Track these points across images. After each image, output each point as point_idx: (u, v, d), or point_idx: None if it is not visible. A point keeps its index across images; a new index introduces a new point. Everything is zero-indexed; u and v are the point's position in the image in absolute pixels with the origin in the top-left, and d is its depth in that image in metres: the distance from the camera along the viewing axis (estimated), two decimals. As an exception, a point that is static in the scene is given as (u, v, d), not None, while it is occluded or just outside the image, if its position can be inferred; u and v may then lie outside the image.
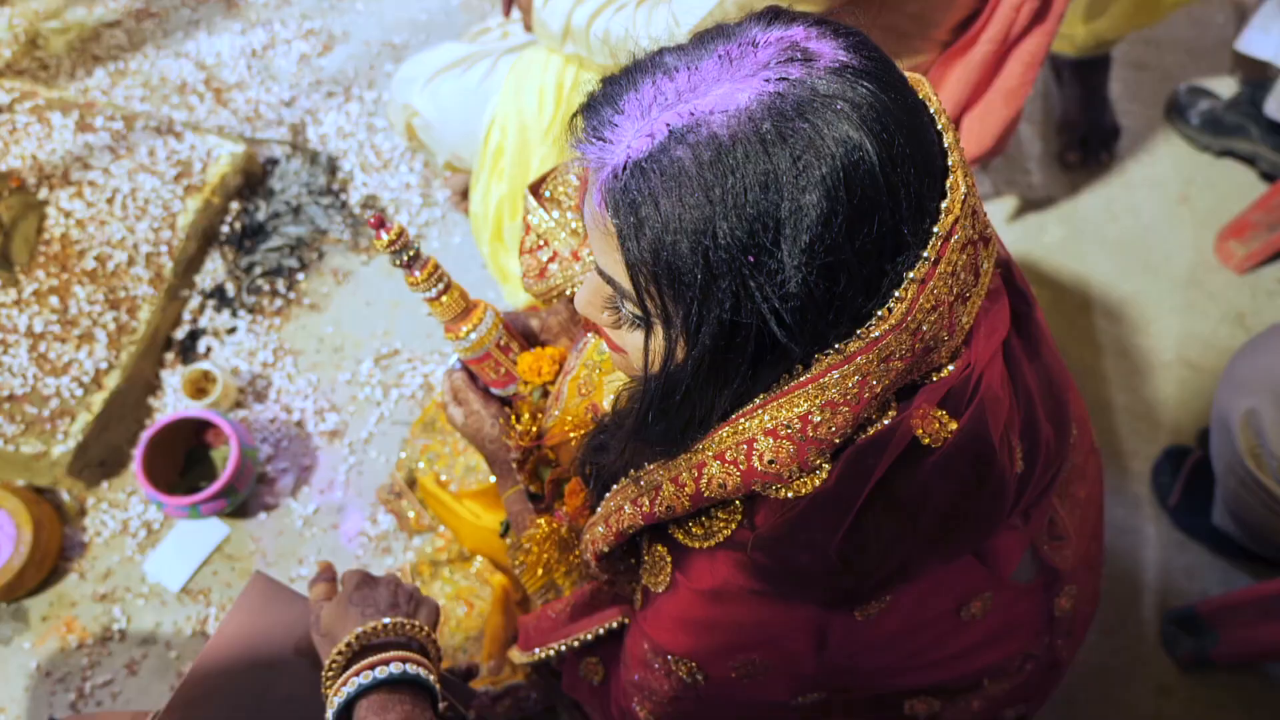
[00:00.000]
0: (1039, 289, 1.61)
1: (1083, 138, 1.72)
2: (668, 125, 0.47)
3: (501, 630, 1.26)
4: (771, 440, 0.55)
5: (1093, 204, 1.72)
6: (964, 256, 0.53)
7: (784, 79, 0.47)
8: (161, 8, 1.89)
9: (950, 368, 0.56)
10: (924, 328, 0.52)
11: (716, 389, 0.54)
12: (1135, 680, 1.27)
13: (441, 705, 0.74)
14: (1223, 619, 1.22)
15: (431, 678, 0.73)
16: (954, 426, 0.56)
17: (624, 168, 0.48)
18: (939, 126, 0.53)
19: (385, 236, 0.74)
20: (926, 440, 0.56)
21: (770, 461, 0.56)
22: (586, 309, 0.59)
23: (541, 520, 0.82)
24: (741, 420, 0.56)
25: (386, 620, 0.72)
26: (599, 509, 0.70)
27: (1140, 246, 1.67)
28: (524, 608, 1.25)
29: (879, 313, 0.51)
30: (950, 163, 0.53)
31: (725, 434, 0.57)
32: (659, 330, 0.53)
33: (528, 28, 1.28)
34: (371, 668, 0.69)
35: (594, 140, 0.50)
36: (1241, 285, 1.62)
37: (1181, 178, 1.75)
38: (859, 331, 0.51)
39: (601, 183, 0.49)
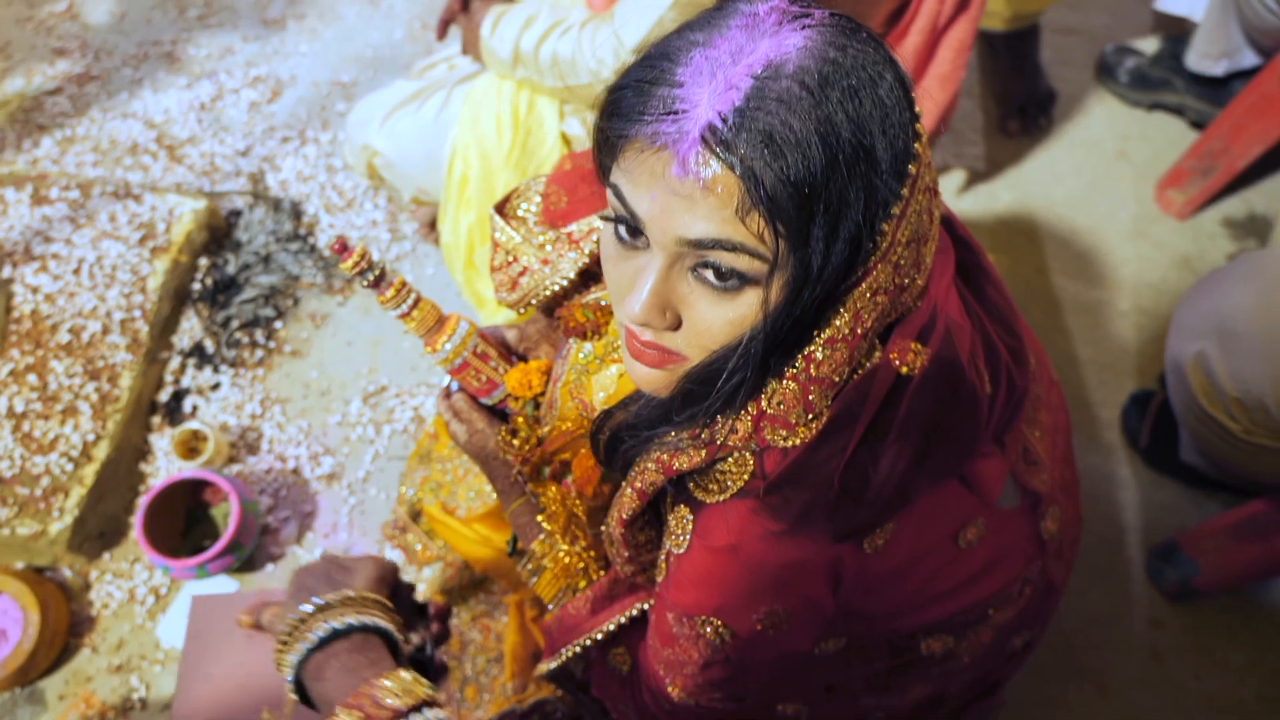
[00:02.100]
0: (996, 255, 1.67)
1: (1021, 106, 1.79)
2: (750, 73, 0.52)
3: (521, 648, 1.28)
4: (778, 382, 0.60)
5: (1037, 168, 1.79)
6: (925, 199, 0.59)
7: (806, 26, 0.54)
8: (102, 70, 1.88)
9: (918, 305, 0.63)
10: (901, 263, 0.58)
11: (801, 330, 0.58)
12: (1128, 617, 1.33)
13: (415, 641, 0.74)
14: (1201, 548, 1.29)
15: (378, 622, 0.70)
16: (928, 354, 0.62)
17: (723, 119, 0.51)
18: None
19: (349, 260, 0.76)
20: (905, 370, 0.62)
21: (779, 404, 0.61)
22: (650, 314, 0.59)
23: (552, 487, 0.84)
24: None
25: (309, 608, 0.70)
26: (625, 484, 0.72)
27: (1086, 204, 1.74)
28: (539, 627, 1.28)
29: (868, 245, 0.56)
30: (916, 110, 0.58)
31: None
32: (769, 280, 0.55)
33: (466, 51, 1.31)
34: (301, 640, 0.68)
35: (663, 117, 0.52)
36: (1184, 231, 1.70)
37: (1117, 134, 1.82)
38: (858, 269, 0.57)
39: (694, 143, 0.51)
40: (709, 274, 0.57)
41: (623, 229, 0.60)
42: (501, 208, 0.94)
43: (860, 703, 0.89)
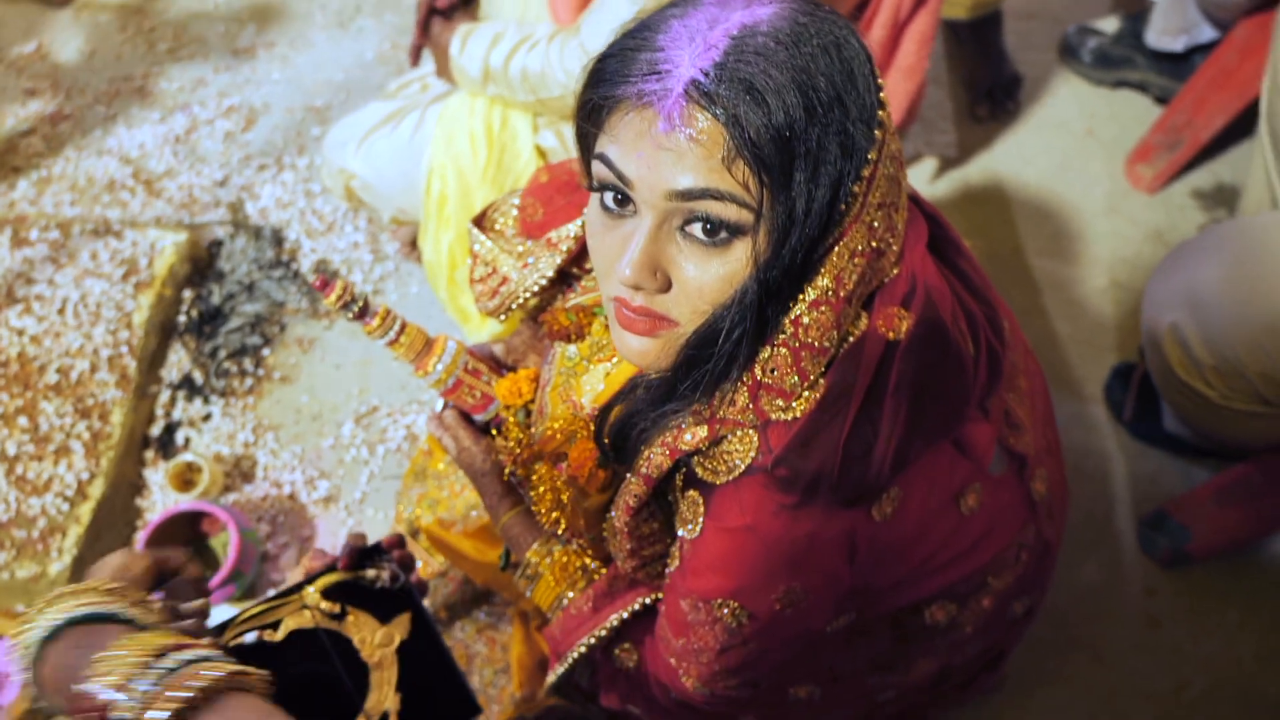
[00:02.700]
0: (971, 240, 1.69)
1: (988, 91, 1.81)
2: (727, 34, 0.55)
3: (527, 657, 1.29)
4: (769, 349, 0.63)
5: (1008, 151, 1.81)
6: (892, 167, 0.62)
7: (774, 1, 0.58)
8: (75, 108, 1.88)
9: (896, 272, 0.65)
10: (875, 224, 0.61)
11: (795, 282, 0.60)
12: (1122, 587, 1.36)
13: (383, 577, 0.73)
14: (1190, 515, 1.31)
15: (100, 609, 0.59)
16: (912, 318, 0.65)
17: (705, 74, 0.54)
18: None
19: (332, 294, 0.78)
20: (892, 336, 0.64)
21: (772, 370, 0.63)
22: (641, 274, 0.60)
23: (542, 468, 0.84)
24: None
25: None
26: (630, 474, 0.73)
27: (1058, 183, 1.77)
28: (543, 636, 1.29)
29: (840, 207, 0.59)
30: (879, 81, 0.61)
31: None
32: (755, 230, 0.58)
33: (440, 74, 1.32)
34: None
35: (647, 77, 0.56)
36: (1155, 204, 1.73)
37: (1084, 113, 1.85)
38: (833, 231, 0.60)
39: (680, 97, 0.55)
40: (697, 229, 0.59)
41: (609, 197, 0.62)
42: (479, 221, 0.95)
43: (867, 682, 0.91)
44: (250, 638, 0.70)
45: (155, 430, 1.50)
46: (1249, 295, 1.04)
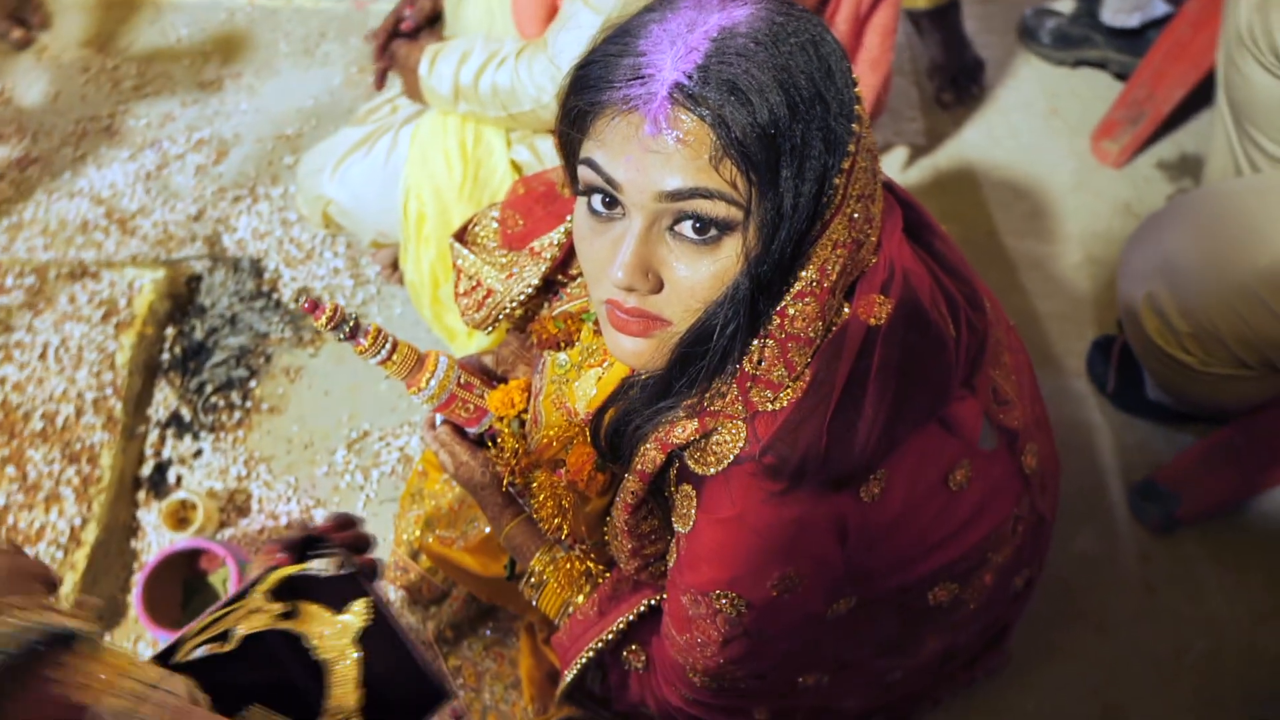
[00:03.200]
0: (947, 224, 1.72)
1: (952, 78, 1.84)
2: (707, 37, 0.56)
3: (536, 670, 1.29)
4: (757, 342, 0.64)
5: (975, 135, 1.84)
6: (868, 160, 0.63)
7: (748, 3, 0.59)
8: (42, 151, 1.86)
9: (875, 260, 0.67)
10: (855, 216, 0.62)
11: (783, 275, 0.61)
12: (1118, 556, 1.38)
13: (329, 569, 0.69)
14: (1178, 480, 1.33)
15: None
16: (891, 303, 0.66)
17: (689, 76, 0.55)
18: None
19: (322, 316, 0.77)
20: (873, 321, 0.66)
21: (760, 363, 0.64)
22: (633, 275, 0.61)
23: (542, 474, 0.84)
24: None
25: None
26: (626, 474, 0.73)
27: (1027, 164, 1.79)
28: (551, 647, 1.29)
29: (824, 200, 0.60)
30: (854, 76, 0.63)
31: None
32: (744, 227, 0.59)
33: (409, 95, 1.32)
34: None
35: (631, 82, 0.56)
36: (1122, 178, 1.76)
37: (1047, 93, 1.88)
38: (817, 224, 0.61)
39: (665, 101, 0.56)
40: (687, 228, 0.60)
41: (597, 200, 0.62)
42: (461, 236, 0.96)
43: (875, 665, 0.91)
44: (199, 653, 0.66)
45: (146, 470, 1.49)
46: (1220, 261, 1.06)
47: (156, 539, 1.44)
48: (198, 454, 1.51)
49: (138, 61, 2.00)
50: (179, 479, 1.49)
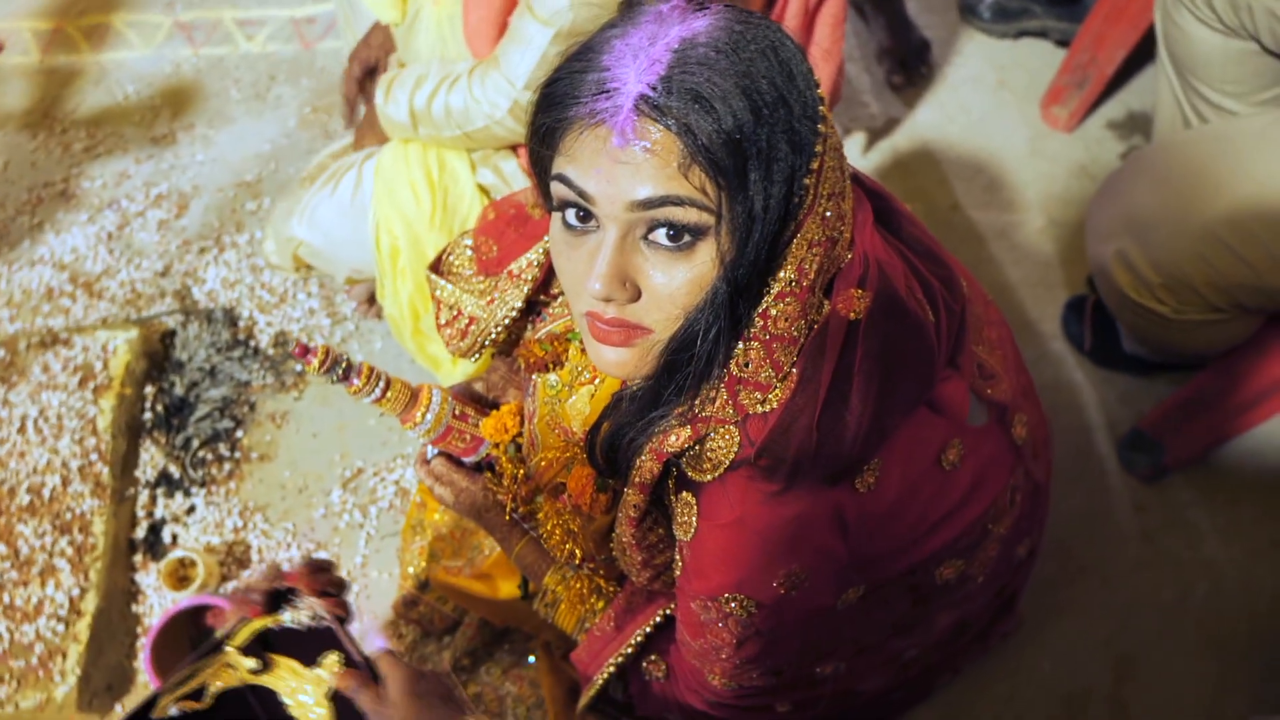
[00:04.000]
0: (911, 204, 1.75)
1: (901, 60, 1.87)
2: (669, 49, 0.57)
3: (557, 688, 1.28)
4: (742, 345, 0.65)
5: (929, 114, 1.87)
6: (835, 159, 0.64)
7: (707, 14, 0.60)
8: (-2, 223, 1.83)
9: (849, 256, 0.68)
10: (827, 214, 0.63)
11: (761, 278, 0.62)
12: (1113, 510, 1.40)
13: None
14: (1162, 429, 1.36)
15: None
16: (869, 296, 0.67)
17: (653, 88, 0.56)
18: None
19: (314, 361, 0.76)
20: (854, 316, 0.67)
21: (746, 365, 0.65)
22: (611, 285, 0.61)
23: (546, 504, 0.85)
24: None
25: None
26: (626, 488, 0.74)
27: (982, 136, 1.83)
28: (569, 663, 1.29)
29: (795, 200, 0.61)
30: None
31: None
32: (717, 232, 0.60)
33: (359, 140, 1.33)
34: None
35: (597, 96, 0.57)
36: (1075, 141, 1.80)
37: (993, 66, 1.92)
38: (790, 225, 0.62)
39: (631, 113, 0.57)
40: (661, 236, 0.61)
41: (571, 214, 0.63)
42: (436, 267, 0.96)
43: (890, 646, 0.92)
44: (173, 711, 0.66)
45: (140, 533, 1.47)
46: (1182, 210, 1.09)
47: (159, 600, 1.42)
48: (191, 510, 1.49)
49: (86, 124, 1.98)
50: (175, 537, 1.47)
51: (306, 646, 0.70)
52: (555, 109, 0.60)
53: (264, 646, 0.70)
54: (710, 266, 0.61)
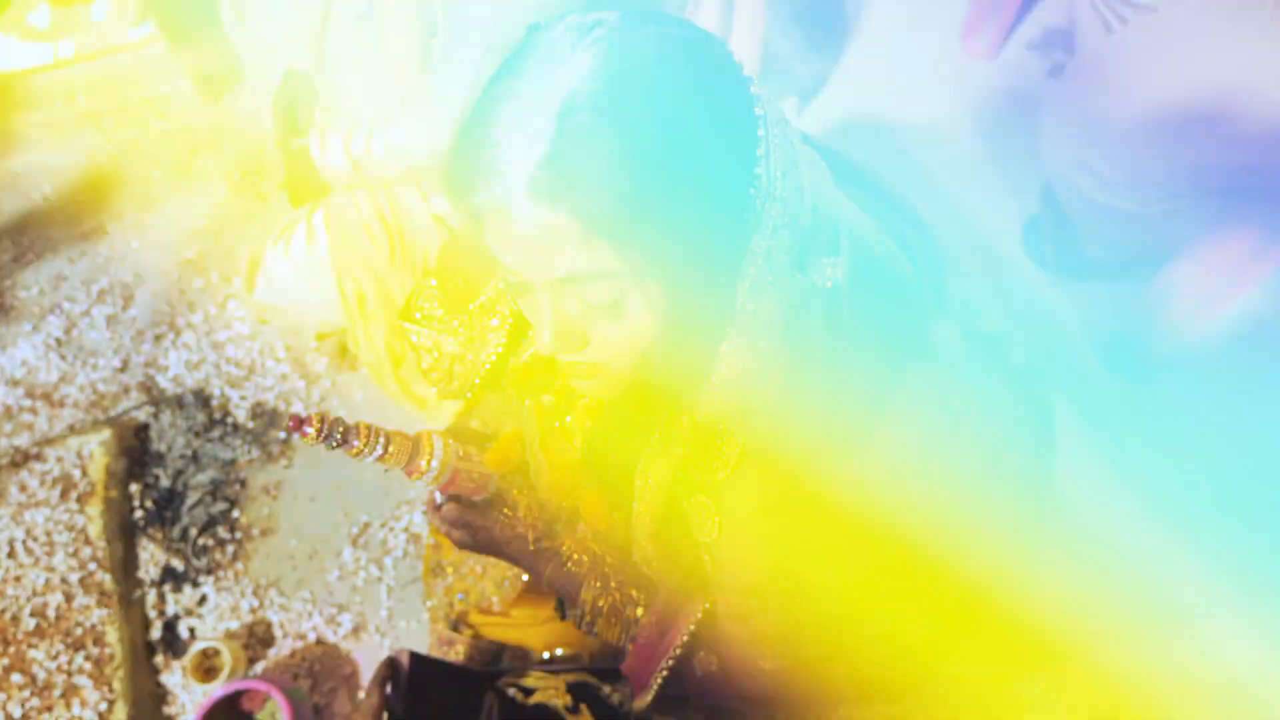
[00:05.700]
0: (853, 154, 1.76)
1: (811, 18, 1.89)
2: (553, 115, 0.54)
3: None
4: (726, 341, 0.63)
5: (854, 67, 1.89)
6: (779, 132, 0.62)
7: (597, 41, 0.56)
8: (-62, 351, 1.76)
9: (814, 222, 0.66)
10: (786, 196, 0.61)
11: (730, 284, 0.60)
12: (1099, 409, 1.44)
13: None
14: None
15: None
16: (844, 261, 0.65)
17: (540, 169, 0.54)
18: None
19: (310, 431, 0.75)
20: (829, 285, 0.64)
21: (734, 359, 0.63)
22: (558, 344, 0.61)
23: (568, 540, 0.84)
24: None
25: None
26: (634, 500, 0.73)
27: (906, 77, 1.86)
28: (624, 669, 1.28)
29: (750, 191, 0.59)
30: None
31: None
32: (642, 283, 0.58)
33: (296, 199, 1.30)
34: None
35: (489, 182, 0.55)
36: (1001, 68, 1.84)
37: (908, 6, 1.95)
38: (749, 217, 0.60)
39: (523, 199, 0.54)
40: (590, 296, 0.60)
41: (511, 277, 0.62)
42: (408, 314, 0.94)
43: None
44: None
45: (156, 633, 1.43)
46: (1131, 106, 1.11)
47: (189, 698, 1.38)
48: (203, 600, 1.45)
49: (10, 233, 1.91)
50: (192, 631, 1.43)
51: None
52: (455, 195, 0.59)
53: None
54: (646, 314, 0.60)
